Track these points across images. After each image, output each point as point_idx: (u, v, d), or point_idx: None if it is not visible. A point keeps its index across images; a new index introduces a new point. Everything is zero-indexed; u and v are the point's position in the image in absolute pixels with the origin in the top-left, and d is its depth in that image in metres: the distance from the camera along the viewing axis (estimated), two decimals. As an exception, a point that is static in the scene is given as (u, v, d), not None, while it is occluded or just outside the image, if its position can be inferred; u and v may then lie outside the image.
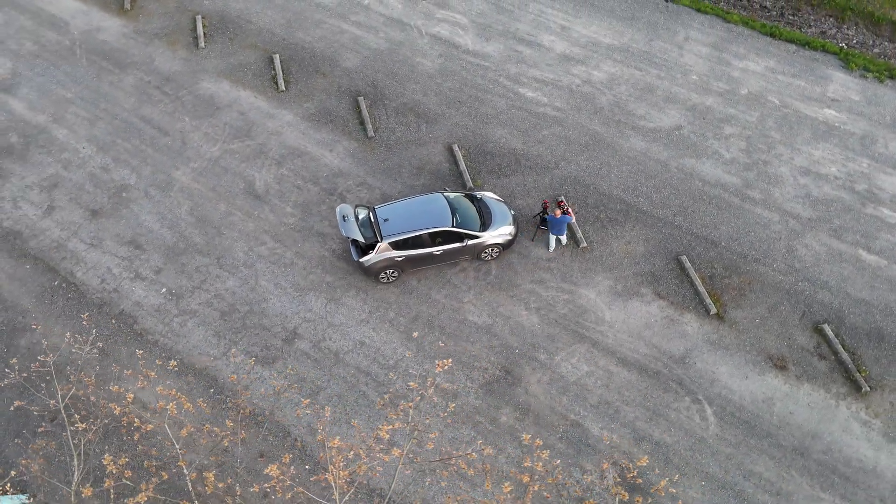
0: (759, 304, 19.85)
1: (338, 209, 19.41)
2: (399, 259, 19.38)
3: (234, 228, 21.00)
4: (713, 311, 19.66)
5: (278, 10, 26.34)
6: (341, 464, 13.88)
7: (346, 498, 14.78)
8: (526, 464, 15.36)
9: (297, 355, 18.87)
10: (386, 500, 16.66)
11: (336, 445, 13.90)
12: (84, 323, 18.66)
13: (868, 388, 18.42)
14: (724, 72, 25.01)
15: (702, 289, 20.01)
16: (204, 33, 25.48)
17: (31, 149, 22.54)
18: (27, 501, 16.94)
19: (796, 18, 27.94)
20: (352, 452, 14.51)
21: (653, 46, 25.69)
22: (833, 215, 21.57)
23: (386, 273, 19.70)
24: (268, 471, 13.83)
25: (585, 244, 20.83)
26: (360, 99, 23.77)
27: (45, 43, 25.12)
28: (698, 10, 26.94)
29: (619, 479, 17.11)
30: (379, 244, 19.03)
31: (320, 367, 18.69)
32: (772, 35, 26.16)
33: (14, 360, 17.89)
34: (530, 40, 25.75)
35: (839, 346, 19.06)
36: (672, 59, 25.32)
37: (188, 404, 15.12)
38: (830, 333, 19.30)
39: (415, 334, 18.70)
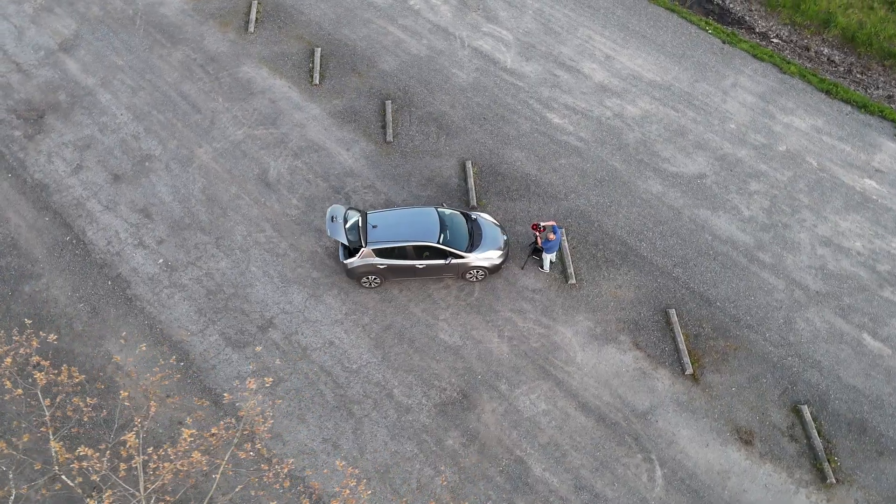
0: (739, 372, 19.11)
1: (329, 209, 19.85)
2: (381, 267, 19.67)
3: (238, 212, 21.80)
4: (689, 371, 19.06)
5: (331, 4, 26.96)
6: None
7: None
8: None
9: (267, 344, 19.48)
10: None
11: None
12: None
13: (834, 481, 17.50)
14: (765, 124, 24.01)
15: (683, 346, 19.42)
16: (256, 19, 26.38)
17: (75, 109, 24.02)
18: None
19: (864, 78, 26.48)
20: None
21: (696, 88, 24.90)
22: (844, 292, 20.46)
23: (368, 278, 20.03)
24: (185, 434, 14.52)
25: (574, 281, 20.55)
26: (388, 103, 24.12)
27: (110, 10, 26.61)
28: (755, 56, 25.91)
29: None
30: (362, 249, 19.37)
31: (286, 359, 19.24)
32: (828, 92, 24.89)
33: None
34: (570, 66, 25.42)
35: (814, 431, 18.15)
36: (713, 104, 24.49)
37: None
38: (808, 416, 18.39)
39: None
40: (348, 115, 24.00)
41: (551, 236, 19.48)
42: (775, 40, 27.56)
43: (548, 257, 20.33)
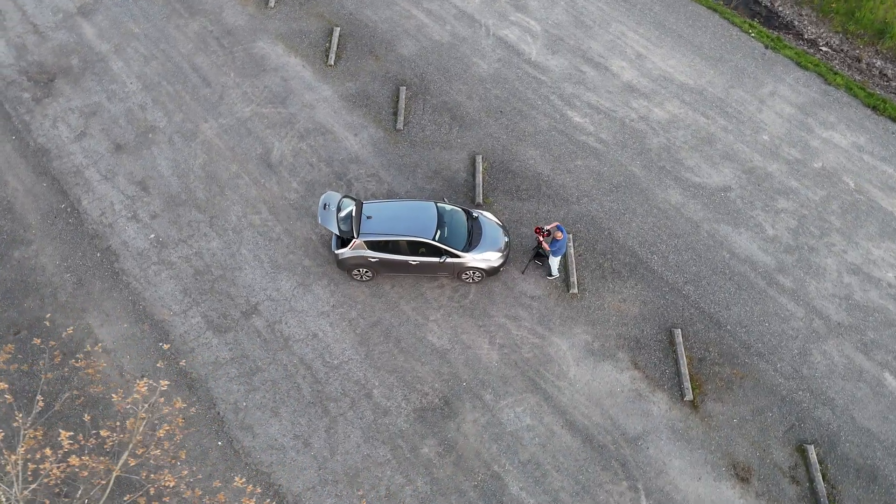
0: (743, 403, 17.78)
1: (323, 196, 19.03)
2: (373, 260, 18.80)
3: (236, 191, 21.13)
4: (689, 397, 17.80)
5: (357, -17, 26.08)
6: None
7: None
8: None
9: (248, 331, 18.80)
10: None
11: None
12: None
13: (835, 531, 16.15)
14: (801, 138, 22.40)
15: (685, 370, 18.15)
16: (278, -7, 25.67)
17: (86, 74, 23.61)
18: None
19: (917, 95, 24.59)
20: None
21: (730, 94, 23.37)
22: (869, 326, 18.91)
23: (359, 271, 19.19)
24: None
25: (576, 290, 19.39)
26: (402, 89, 23.16)
27: (133, -24, 26.16)
28: (799, 64, 24.24)
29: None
30: (354, 240, 18.52)
31: (267, 348, 18.54)
32: (875, 108, 23.14)
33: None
34: (598, 62, 24.10)
35: (818, 474, 16.76)
36: (747, 113, 22.94)
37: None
38: (814, 457, 17.00)
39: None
40: (360, 99, 23.11)
41: (559, 235, 18.30)
42: (824, 49, 25.79)
43: (556, 261, 19.15)
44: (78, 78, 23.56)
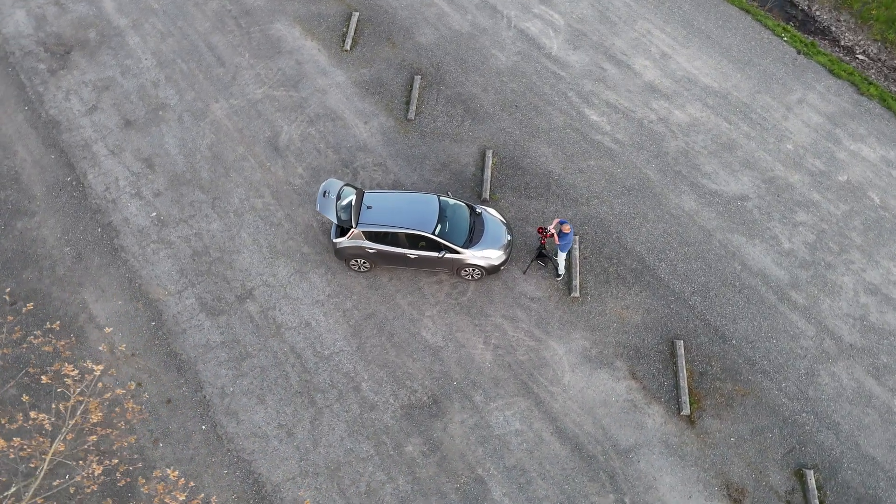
0: (743, 422, 17.10)
1: (323, 183, 18.68)
2: (370, 251, 18.44)
3: (241, 174, 20.90)
4: (686, 411, 17.16)
5: (380, -32, 25.64)
6: None
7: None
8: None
9: (241, 316, 18.59)
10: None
11: None
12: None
13: (829, 562, 15.44)
14: (828, 149, 21.48)
15: (684, 383, 17.51)
16: (299, -25, 25.31)
17: (102, 48, 23.56)
18: None
19: (959, 109, 23.42)
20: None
21: (756, 100, 22.49)
22: (883, 350, 18.07)
23: (357, 261, 18.84)
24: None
25: (578, 294, 18.82)
26: (417, 78, 22.70)
27: (156, -49, 26.03)
28: (831, 72, 23.24)
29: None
30: (352, 230, 18.16)
31: (258, 334, 18.30)
32: (908, 122, 22.10)
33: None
34: (621, 60, 23.36)
35: (816, 500, 16.05)
36: (772, 120, 22.07)
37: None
38: (813, 482, 16.28)
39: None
40: (373, 87, 22.71)
41: (566, 228, 17.69)
42: (861, 57, 24.72)
43: (562, 257, 18.55)
44: (94, 51, 23.51)
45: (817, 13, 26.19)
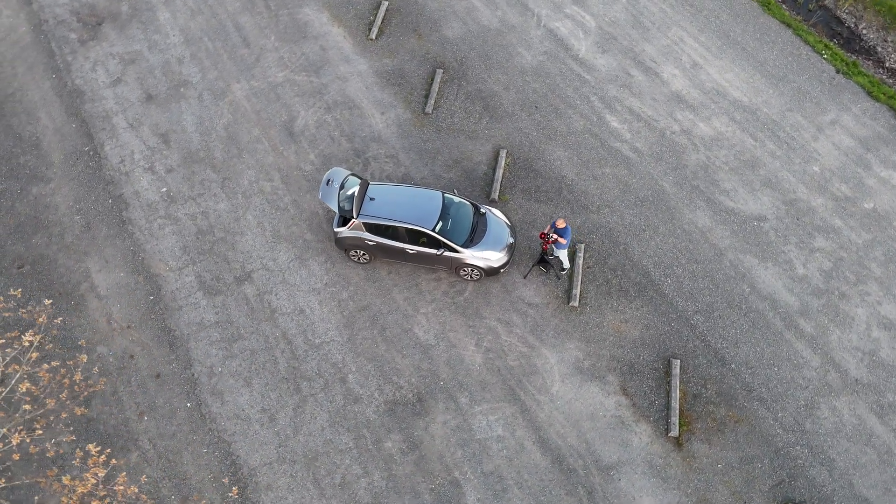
0: (733, 449, 16.56)
1: (329, 171, 18.61)
2: (370, 243, 18.33)
3: (254, 156, 20.98)
4: (674, 432, 16.69)
5: (414, -42, 25.41)
6: None
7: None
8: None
9: (238, 298, 18.67)
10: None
11: None
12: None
13: None
14: (856, 174, 20.62)
15: (676, 404, 17.03)
16: (333, -39, 25.25)
17: (132, 22, 23.86)
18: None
19: None
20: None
21: (786, 118, 21.70)
22: (890, 388, 17.31)
23: (356, 252, 18.76)
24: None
25: (576, 304, 18.43)
26: (439, 71, 22.46)
27: (196, -71, 26.23)
28: (870, 94, 22.30)
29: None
30: (353, 220, 18.07)
31: (252, 317, 18.37)
32: (946, 152, 21.08)
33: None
34: (649, 67, 22.76)
35: (800, 539, 15.49)
36: (801, 140, 21.27)
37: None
38: (799, 520, 15.71)
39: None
40: (394, 78, 22.55)
41: (560, 223, 17.18)
42: (905, 80, 23.65)
43: (563, 253, 18.13)
44: (124, 25, 23.83)
45: (864, 31, 25.14)
